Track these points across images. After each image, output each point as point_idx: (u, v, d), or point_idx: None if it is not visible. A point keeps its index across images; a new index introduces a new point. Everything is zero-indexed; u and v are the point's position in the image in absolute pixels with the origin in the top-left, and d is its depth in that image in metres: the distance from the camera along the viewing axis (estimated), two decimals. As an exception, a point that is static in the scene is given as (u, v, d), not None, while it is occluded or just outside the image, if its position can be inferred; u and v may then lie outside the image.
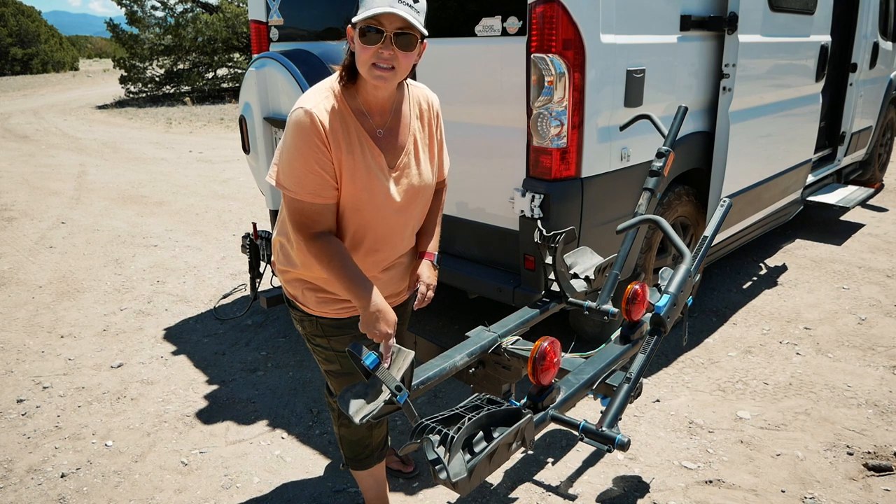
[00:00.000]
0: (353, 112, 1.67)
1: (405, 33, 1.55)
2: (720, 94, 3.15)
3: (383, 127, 1.73)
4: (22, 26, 35.57)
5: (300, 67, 3.09)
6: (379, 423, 2.03)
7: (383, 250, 1.81)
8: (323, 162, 1.62)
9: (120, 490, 2.41)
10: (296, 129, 1.62)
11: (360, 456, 2.05)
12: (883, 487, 2.31)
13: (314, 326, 1.88)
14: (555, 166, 2.58)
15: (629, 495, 2.31)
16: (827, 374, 3.06)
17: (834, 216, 5.44)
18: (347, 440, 2.04)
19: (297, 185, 1.64)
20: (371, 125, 1.70)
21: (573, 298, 2.32)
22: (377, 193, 1.71)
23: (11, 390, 3.12)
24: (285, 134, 1.67)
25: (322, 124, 1.60)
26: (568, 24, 2.43)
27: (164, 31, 17.47)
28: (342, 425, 2.02)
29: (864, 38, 4.81)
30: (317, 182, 1.64)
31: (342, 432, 2.03)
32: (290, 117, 1.64)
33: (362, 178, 1.68)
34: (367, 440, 2.03)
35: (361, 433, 2.01)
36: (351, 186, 1.67)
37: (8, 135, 12.02)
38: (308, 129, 1.60)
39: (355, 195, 1.68)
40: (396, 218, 1.79)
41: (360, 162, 1.67)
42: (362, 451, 2.04)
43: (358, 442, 2.02)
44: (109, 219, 6.13)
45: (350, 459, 2.07)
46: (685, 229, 3.41)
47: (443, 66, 2.90)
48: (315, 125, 1.59)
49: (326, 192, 1.65)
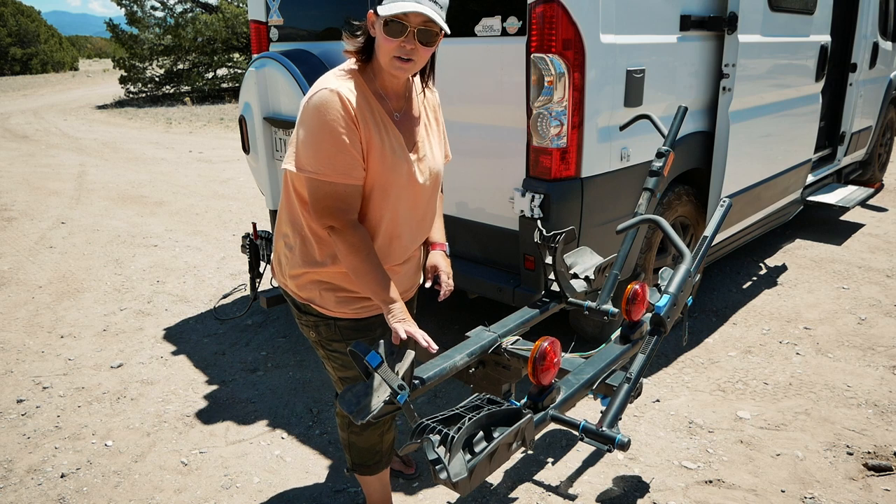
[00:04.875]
0: (374, 93, 1.68)
1: (426, 28, 1.59)
2: (720, 94, 3.15)
3: (400, 111, 1.74)
4: (22, 26, 35.56)
5: (300, 67, 3.09)
6: (389, 428, 2.01)
7: (404, 236, 1.81)
8: (353, 140, 1.60)
9: (120, 490, 2.41)
10: (323, 109, 1.59)
11: (369, 462, 2.02)
12: (883, 487, 2.31)
13: (331, 330, 1.83)
14: (555, 166, 2.58)
15: (629, 495, 2.31)
16: (827, 374, 3.06)
17: (834, 216, 5.44)
18: (358, 447, 2.00)
19: (328, 167, 1.60)
20: (389, 108, 1.71)
21: (573, 298, 2.31)
22: (402, 174, 1.71)
23: (11, 390, 3.12)
24: (306, 117, 1.63)
25: (349, 102, 1.59)
26: (568, 24, 2.43)
27: (164, 32, 17.46)
28: (353, 433, 1.97)
29: (864, 38, 4.81)
30: (348, 161, 1.61)
31: (353, 439, 1.99)
32: (313, 99, 1.61)
33: (389, 158, 1.67)
34: (377, 446, 2.00)
35: (373, 440, 1.97)
36: (380, 165, 1.66)
37: (8, 135, 12.02)
38: (337, 107, 1.58)
39: (384, 175, 1.67)
40: (418, 200, 1.79)
41: (386, 142, 1.67)
42: (372, 457, 2.01)
43: (369, 449, 1.99)
44: (109, 219, 6.13)
45: (358, 465, 2.03)
46: (685, 229, 3.41)
47: (443, 66, 2.90)
48: (343, 103, 1.58)
49: (357, 172, 1.63)
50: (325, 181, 1.61)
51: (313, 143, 1.60)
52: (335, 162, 1.60)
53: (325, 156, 1.59)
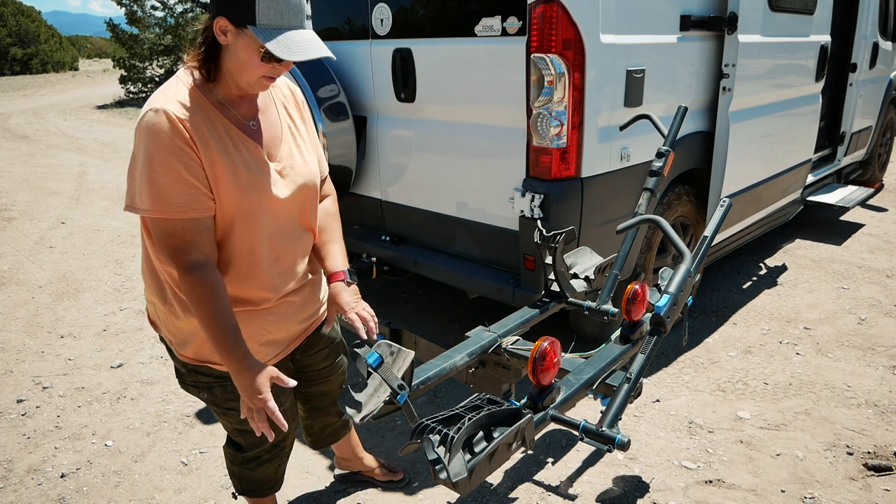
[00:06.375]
0: (214, 105, 1.44)
1: None
2: (720, 94, 3.15)
3: (253, 118, 1.52)
4: (22, 26, 35.54)
5: (300, 67, 3.09)
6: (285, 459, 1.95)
7: (285, 257, 1.61)
8: (190, 166, 1.37)
9: (120, 490, 2.41)
10: (150, 134, 1.35)
11: (262, 489, 1.96)
12: (883, 487, 2.31)
13: (227, 391, 1.64)
14: (555, 166, 2.57)
15: (629, 495, 2.31)
16: (827, 374, 3.06)
17: (834, 216, 5.44)
18: (251, 479, 1.92)
19: (162, 202, 1.36)
20: (237, 117, 1.48)
21: (573, 298, 2.32)
22: (264, 192, 1.50)
23: (11, 390, 3.12)
24: (136, 144, 1.39)
25: (182, 122, 1.36)
26: (568, 24, 2.43)
27: (164, 32, 17.46)
28: (247, 469, 1.88)
29: (864, 38, 4.80)
30: (185, 193, 1.37)
31: (246, 474, 1.89)
32: (141, 124, 1.37)
33: (245, 177, 1.45)
34: (273, 476, 1.94)
35: (269, 472, 1.91)
36: (235, 188, 1.44)
37: (8, 135, 12.02)
38: (166, 130, 1.34)
39: (242, 196, 1.46)
40: (289, 216, 1.59)
41: (238, 159, 1.45)
42: (265, 484, 1.95)
43: (262, 480, 1.93)
44: (109, 219, 6.13)
45: (249, 491, 1.96)
46: (685, 229, 3.41)
47: (442, 66, 2.90)
48: (174, 124, 1.35)
49: (199, 204, 1.40)
50: (161, 218, 1.38)
51: (145, 174, 1.36)
52: (170, 196, 1.36)
53: (159, 189, 1.36)
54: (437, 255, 3.19)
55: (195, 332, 1.57)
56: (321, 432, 2.15)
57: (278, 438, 1.85)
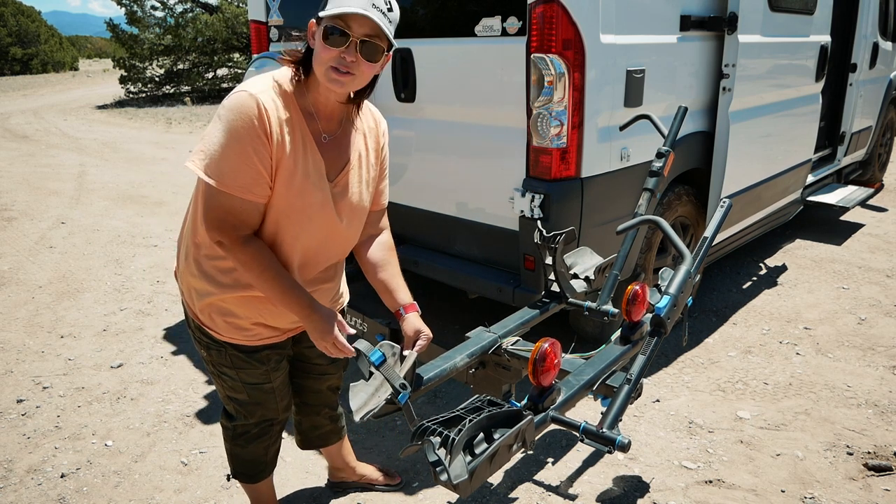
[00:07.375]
0: (301, 110, 1.53)
1: (372, 41, 1.45)
2: (720, 95, 3.15)
3: (330, 133, 1.59)
4: (22, 26, 35.54)
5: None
6: (275, 441, 2.00)
7: (307, 270, 1.68)
8: (262, 154, 1.45)
9: (120, 490, 2.41)
10: (236, 113, 1.43)
11: (251, 472, 2.02)
12: (883, 487, 2.31)
13: (222, 356, 1.74)
14: (555, 166, 2.58)
15: (629, 495, 2.31)
16: (827, 374, 3.06)
17: (834, 216, 5.44)
18: (241, 459, 1.99)
19: (229, 177, 1.45)
20: (317, 128, 1.56)
21: (573, 299, 2.32)
22: (312, 202, 1.57)
23: (11, 390, 3.12)
24: (219, 116, 1.47)
25: (267, 113, 1.44)
26: (568, 24, 2.43)
27: (164, 31, 17.46)
28: (237, 445, 1.96)
29: (864, 39, 4.80)
30: (251, 176, 1.46)
31: (236, 451, 1.98)
32: (231, 99, 1.45)
33: (298, 183, 1.53)
34: (262, 458, 2.00)
35: (258, 452, 1.97)
36: (284, 189, 1.52)
37: (8, 135, 12.02)
38: (251, 114, 1.43)
39: (287, 199, 1.53)
40: (331, 234, 1.66)
41: (300, 165, 1.52)
42: (255, 467, 2.01)
43: (252, 460, 1.99)
44: (109, 219, 6.13)
45: (240, 474, 2.04)
46: (685, 229, 3.41)
47: (443, 66, 2.90)
48: (260, 112, 1.43)
49: (259, 190, 1.48)
50: (223, 192, 1.47)
51: (219, 147, 1.45)
52: (237, 174, 1.45)
53: (230, 165, 1.44)
54: (437, 255, 3.19)
55: (202, 295, 1.68)
56: (310, 432, 2.18)
57: (268, 415, 1.91)
